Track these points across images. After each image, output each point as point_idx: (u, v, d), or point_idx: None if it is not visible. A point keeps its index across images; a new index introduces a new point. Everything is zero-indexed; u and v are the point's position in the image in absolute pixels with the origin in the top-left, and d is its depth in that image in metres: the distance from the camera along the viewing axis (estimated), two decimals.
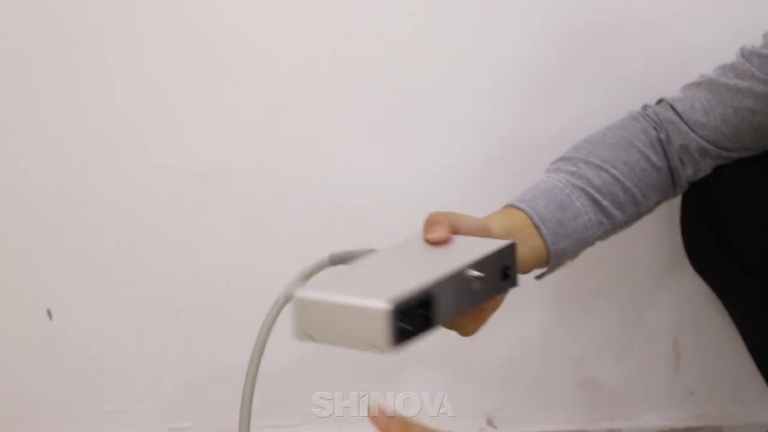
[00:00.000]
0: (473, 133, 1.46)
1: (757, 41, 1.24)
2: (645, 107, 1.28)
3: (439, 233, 0.97)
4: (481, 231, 1.01)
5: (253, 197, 1.47)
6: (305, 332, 0.93)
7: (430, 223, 0.99)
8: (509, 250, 0.97)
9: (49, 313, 1.50)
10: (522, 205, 1.11)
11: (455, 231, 0.99)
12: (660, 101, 1.28)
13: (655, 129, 1.24)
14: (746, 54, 1.24)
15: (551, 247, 1.10)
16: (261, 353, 1.10)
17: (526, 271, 1.11)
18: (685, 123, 1.23)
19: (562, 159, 1.21)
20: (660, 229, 1.48)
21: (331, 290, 0.90)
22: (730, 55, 1.26)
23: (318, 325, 0.92)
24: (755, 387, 1.50)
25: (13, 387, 1.51)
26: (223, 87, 1.43)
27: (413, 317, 0.87)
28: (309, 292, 0.92)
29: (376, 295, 0.86)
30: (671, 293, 1.56)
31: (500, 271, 0.96)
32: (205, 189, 1.45)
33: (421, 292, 0.87)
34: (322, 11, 1.42)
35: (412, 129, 1.45)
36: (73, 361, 1.51)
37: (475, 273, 0.92)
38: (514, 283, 0.98)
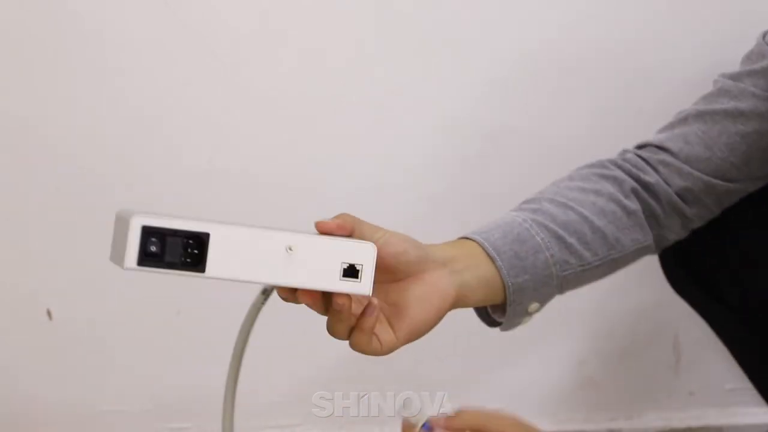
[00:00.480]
0: (472, 133, 1.46)
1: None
2: (624, 152, 1.18)
3: (325, 221, 0.91)
4: (405, 238, 0.94)
5: (253, 197, 1.47)
6: (112, 252, 0.90)
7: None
8: (365, 250, 0.88)
9: (48, 313, 1.50)
10: (475, 237, 1.02)
11: (363, 235, 0.92)
12: (642, 146, 1.18)
13: (632, 176, 1.13)
14: (733, 76, 1.15)
15: (507, 280, 1.01)
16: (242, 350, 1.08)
17: (479, 304, 1.03)
18: (685, 162, 1.14)
19: (525, 201, 1.11)
20: None
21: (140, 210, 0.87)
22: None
23: (115, 239, 0.89)
24: (754, 387, 1.50)
25: (13, 386, 1.51)
26: (223, 87, 1.43)
27: (168, 244, 0.84)
28: (124, 209, 0.88)
29: (149, 214, 0.84)
30: (671, 294, 1.56)
31: (341, 266, 0.88)
32: (204, 188, 1.45)
33: (192, 231, 0.84)
34: (322, 11, 1.42)
35: (413, 129, 1.46)
36: (72, 361, 1.51)
37: (291, 246, 0.87)
38: (364, 289, 0.88)
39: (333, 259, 0.88)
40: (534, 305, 1.05)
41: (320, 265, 0.88)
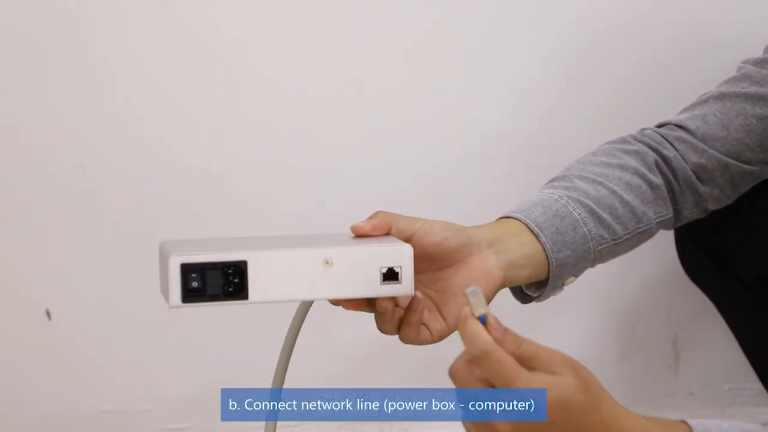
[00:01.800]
0: (481, 134, 1.46)
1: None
2: (642, 129, 1.21)
3: (360, 223, 0.92)
4: (447, 226, 0.95)
5: (254, 197, 1.47)
6: (161, 288, 0.92)
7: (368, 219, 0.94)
8: (402, 252, 0.89)
9: (48, 314, 1.50)
10: (516, 215, 1.03)
11: (400, 232, 0.93)
12: (662, 124, 1.21)
13: (653, 149, 1.16)
14: (756, 62, 1.18)
15: (551, 256, 1.03)
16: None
17: (525, 282, 1.05)
18: (701, 140, 1.16)
19: (553, 179, 1.13)
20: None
21: (178, 243, 0.90)
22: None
23: (161, 275, 0.90)
24: (754, 387, 1.51)
25: (12, 387, 1.51)
26: (224, 87, 1.43)
27: (209, 278, 0.86)
28: (168, 242, 0.91)
29: (185, 249, 0.86)
30: (671, 293, 1.56)
31: (380, 272, 0.89)
32: (204, 189, 1.45)
33: (230, 260, 0.86)
34: (322, 11, 1.41)
35: (414, 129, 1.46)
36: (71, 362, 1.51)
37: (329, 260, 0.88)
38: (405, 290, 0.90)
39: (371, 267, 0.89)
40: (570, 279, 1.07)
41: (359, 275, 0.89)
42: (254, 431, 1.56)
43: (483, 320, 0.82)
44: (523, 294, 1.09)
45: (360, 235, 0.92)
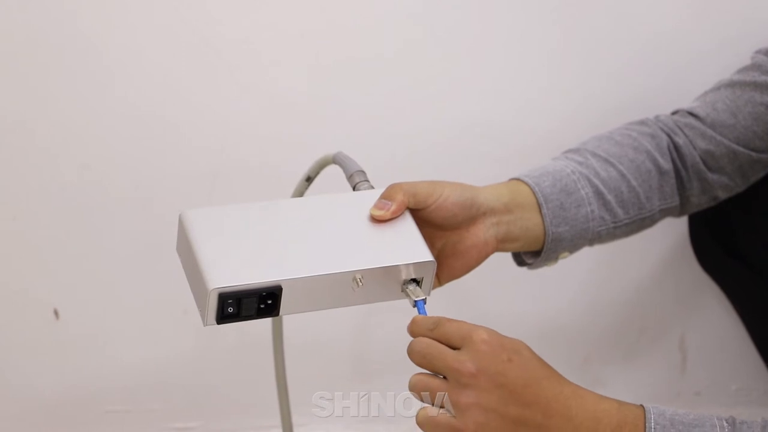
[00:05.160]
0: (477, 134, 1.46)
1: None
2: (657, 115, 1.24)
3: (382, 212, 0.96)
4: (460, 201, 1.00)
5: (262, 197, 1.46)
6: (179, 251, 0.95)
7: (384, 196, 0.98)
8: (426, 267, 0.94)
9: (55, 313, 1.50)
10: (527, 180, 1.08)
11: (417, 205, 0.99)
12: (675, 112, 1.24)
13: (667, 134, 1.19)
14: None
15: (549, 229, 1.07)
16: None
17: (516, 251, 1.09)
18: (710, 127, 1.19)
19: (569, 150, 1.17)
20: (666, 228, 1.48)
21: (203, 233, 0.91)
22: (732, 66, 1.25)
23: (184, 255, 0.93)
24: (761, 387, 1.50)
25: (20, 386, 1.52)
26: (226, 87, 1.42)
27: (243, 304, 0.88)
28: (189, 220, 0.93)
29: (220, 270, 0.88)
30: (677, 293, 1.56)
31: (403, 281, 0.95)
32: (211, 189, 1.45)
33: (265, 287, 0.89)
34: (322, 11, 1.41)
35: (415, 129, 1.45)
36: (79, 361, 1.51)
37: (359, 280, 0.92)
38: (422, 294, 0.95)
39: (396, 278, 0.94)
40: (564, 253, 1.11)
41: (384, 285, 0.94)
42: (264, 430, 1.57)
43: (420, 305, 0.94)
44: (520, 259, 1.13)
45: (382, 221, 0.96)
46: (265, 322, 1.18)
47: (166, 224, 1.46)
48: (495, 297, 1.51)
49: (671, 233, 1.50)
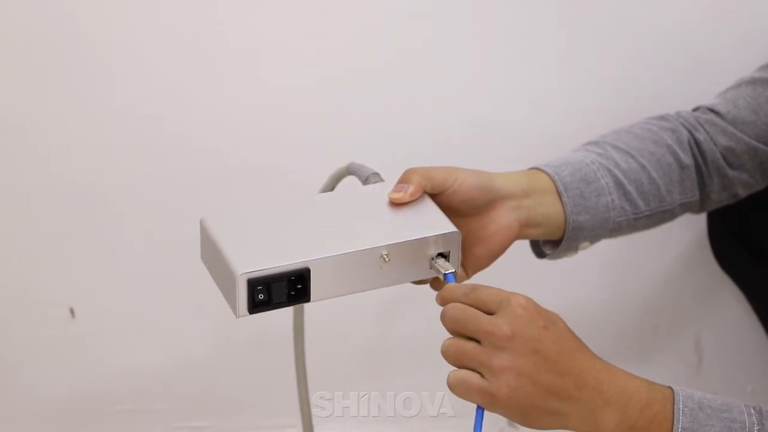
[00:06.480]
0: (481, 133, 1.46)
1: None
2: (679, 112, 1.23)
3: (400, 195, 0.97)
4: (477, 184, 1.01)
5: (258, 197, 1.46)
6: (204, 259, 0.96)
7: (400, 180, 0.99)
8: (452, 238, 0.95)
9: (71, 312, 1.51)
10: (547, 169, 1.08)
11: (433, 189, 0.99)
12: (695, 108, 1.23)
13: (687, 129, 1.19)
14: None
15: (570, 217, 1.07)
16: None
17: (538, 238, 1.09)
18: (731, 123, 1.18)
19: (588, 142, 1.17)
20: (682, 227, 1.47)
21: (226, 231, 0.92)
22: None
23: (210, 259, 0.94)
24: None
25: (34, 385, 1.52)
26: (226, 87, 1.42)
27: (273, 289, 0.89)
28: (210, 224, 0.94)
29: (247, 258, 0.89)
30: (693, 293, 1.56)
31: (430, 257, 0.95)
32: (211, 189, 1.45)
33: (293, 270, 0.89)
34: (323, 11, 1.41)
35: (415, 129, 1.45)
36: (94, 360, 1.52)
37: (385, 256, 0.93)
38: (451, 268, 0.95)
39: (423, 254, 0.95)
40: (585, 243, 1.10)
41: (413, 262, 0.94)
42: (278, 430, 1.57)
43: (451, 278, 0.94)
44: (540, 249, 1.13)
45: (401, 204, 0.97)
46: (282, 321, 1.19)
47: (180, 223, 1.47)
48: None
49: (687, 232, 1.49)
